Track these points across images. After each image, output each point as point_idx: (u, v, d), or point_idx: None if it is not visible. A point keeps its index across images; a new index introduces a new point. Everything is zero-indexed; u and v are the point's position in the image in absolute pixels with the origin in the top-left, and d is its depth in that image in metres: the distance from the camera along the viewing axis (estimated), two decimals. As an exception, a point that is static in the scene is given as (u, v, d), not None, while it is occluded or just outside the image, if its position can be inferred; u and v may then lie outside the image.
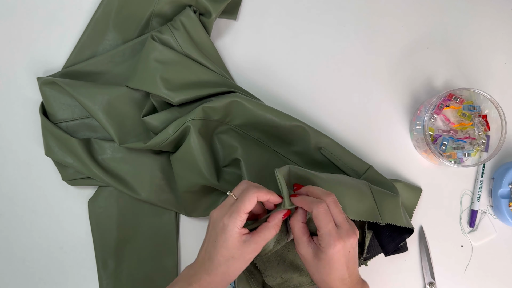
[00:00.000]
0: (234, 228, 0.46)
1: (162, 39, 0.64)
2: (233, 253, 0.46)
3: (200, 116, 0.61)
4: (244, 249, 0.46)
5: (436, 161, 0.65)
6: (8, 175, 0.68)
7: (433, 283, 0.67)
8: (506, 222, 0.67)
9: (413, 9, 0.72)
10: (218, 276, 0.46)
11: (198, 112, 0.60)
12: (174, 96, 0.62)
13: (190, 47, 0.64)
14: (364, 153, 0.69)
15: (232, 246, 0.46)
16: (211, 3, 0.66)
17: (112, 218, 0.66)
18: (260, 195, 0.47)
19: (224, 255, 0.46)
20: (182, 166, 0.63)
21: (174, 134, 0.60)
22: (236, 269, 0.47)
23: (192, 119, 0.60)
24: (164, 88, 0.61)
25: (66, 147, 0.64)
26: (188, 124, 0.60)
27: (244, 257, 0.47)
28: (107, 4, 0.69)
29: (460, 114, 0.67)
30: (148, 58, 0.63)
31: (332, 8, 0.72)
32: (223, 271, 0.46)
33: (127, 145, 0.63)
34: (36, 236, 0.67)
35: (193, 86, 0.63)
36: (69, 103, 0.66)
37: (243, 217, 0.46)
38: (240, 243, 0.46)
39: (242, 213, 0.46)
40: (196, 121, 0.60)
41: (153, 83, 0.62)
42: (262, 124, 0.64)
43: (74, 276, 0.67)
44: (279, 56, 0.71)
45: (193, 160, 0.61)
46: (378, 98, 0.70)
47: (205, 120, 0.62)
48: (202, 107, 0.61)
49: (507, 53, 0.72)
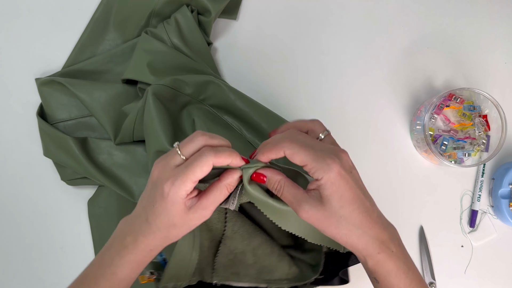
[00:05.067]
0: (176, 197, 0.37)
1: (155, 34, 0.65)
2: (175, 221, 0.38)
3: (169, 84, 0.60)
4: (189, 216, 0.38)
5: (436, 161, 0.65)
6: (8, 175, 0.68)
7: (433, 283, 0.67)
8: (507, 222, 0.67)
9: (413, 9, 0.72)
10: (157, 240, 0.39)
11: (168, 80, 0.60)
12: (160, 82, 0.62)
13: (180, 42, 0.65)
14: (364, 153, 0.69)
15: (173, 214, 0.37)
16: (211, 2, 0.66)
17: (112, 218, 0.66)
18: (218, 160, 0.36)
19: (164, 222, 0.38)
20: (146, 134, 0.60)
21: (142, 104, 0.59)
22: (178, 235, 0.40)
23: (156, 84, 0.60)
24: (150, 75, 0.62)
25: (63, 147, 0.64)
26: (148, 88, 0.59)
27: (188, 224, 0.39)
28: (107, 4, 0.69)
29: (460, 114, 0.67)
30: (139, 50, 0.64)
31: (332, 8, 0.72)
32: (163, 236, 0.39)
33: (118, 139, 0.64)
34: (36, 236, 0.67)
35: (178, 73, 0.63)
36: (66, 103, 0.66)
37: (189, 187, 0.37)
38: (183, 210, 0.38)
39: (189, 183, 0.36)
40: (159, 86, 0.60)
41: (141, 70, 0.63)
42: (238, 108, 0.63)
43: (74, 276, 0.67)
44: (278, 56, 0.71)
45: (152, 122, 0.57)
46: (378, 98, 0.70)
47: (173, 90, 0.61)
48: (174, 78, 0.60)
49: (507, 53, 0.72)
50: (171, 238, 0.40)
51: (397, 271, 0.36)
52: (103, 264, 0.41)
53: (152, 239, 0.39)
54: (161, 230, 0.39)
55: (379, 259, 0.36)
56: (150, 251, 0.40)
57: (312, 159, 0.36)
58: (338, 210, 0.35)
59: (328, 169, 0.35)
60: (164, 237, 0.40)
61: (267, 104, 0.69)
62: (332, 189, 0.35)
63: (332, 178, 0.35)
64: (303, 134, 0.39)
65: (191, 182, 0.36)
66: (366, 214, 0.36)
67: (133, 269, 0.40)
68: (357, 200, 0.36)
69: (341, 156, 0.36)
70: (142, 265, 0.41)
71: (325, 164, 0.35)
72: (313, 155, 0.36)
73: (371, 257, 0.37)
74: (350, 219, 0.35)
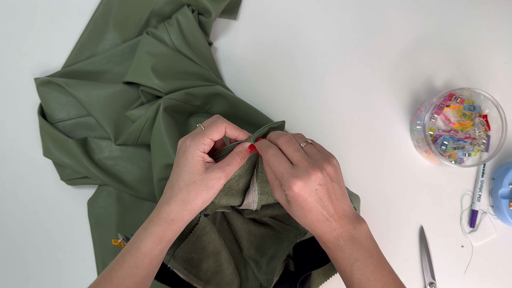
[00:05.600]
0: (196, 150, 0.43)
1: (156, 35, 0.65)
2: (195, 178, 0.43)
3: (180, 98, 0.61)
4: (207, 174, 0.43)
5: (437, 161, 0.65)
6: (8, 175, 0.68)
7: (434, 283, 0.67)
8: (507, 222, 0.67)
9: (413, 9, 0.72)
10: (177, 204, 0.44)
11: (180, 94, 0.61)
12: (163, 87, 0.62)
13: (182, 43, 0.65)
14: (364, 153, 0.69)
15: (193, 169, 0.43)
16: (211, 2, 0.66)
17: (112, 218, 0.66)
18: (230, 128, 0.45)
19: (185, 179, 0.43)
20: (153, 147, 0.62)
21: (151, 114, 0.60)
22: (197, 196, 0.44)
23: (167, 98, 0.60)
24: (155, 79, 0.62)
25: (63, 147, 0.64)
26: (160, 101, 0.60)
27: (206, 183, 0.43)
28: (107, 4, 0.69)
29: (460, 114, 0.67)
30: (142, 52, 0.64)
31: (333, 8, 0.72)
32: (183, 198, 0.43)
33: (120, 141, 0.64)
34: (36, 236, 0.67)
35: (181, 77, 0.64)
36: (64, 103, 0.66)
37: (207, 142, 0.44)
38: (202, 167, 0.44)
39: (207, 138, 0.44)
40: (171, 101, 0.61)
41: (145, 74, 0.62)
42: (239, 117, 0.65)
43: (74, 276, 0.67)
44: (278, 56, 0.71)
45: (160, 137, 0.60)
46: (378, 98, 0.70)
47: (183, 103, 0.62)
48: (186, 91, 0.61)
49: (507, 53, 0.72)
50: (189, 200, 0.43)
51: (341, 260, 0.42)
52: (131, 241, 0.45)
53: (173, 204, 0.44)
54: (182, 190, 0.43)
55: (325, 248, 0.43)
56: (171, 221, 0.44)
57: (280, 175, 0.42)
58: (295, 212, 0.43)
59: (288, 187, 0.41)
60: (184, 200, 0.43)
61: (267, 104, 0.69)
62: (291, 199, 0.42)
63: (291, 194, 0.41)
64: (288, 142, 0.44)
65: (208, 138, 0.44)
66: (318, 220, 0.42)
67: (154, 243, 0.44)
68: (313, 210, 0.41)
69: (307, 177, 0.41)
70: (163, 240, 0.44)
71: (287, 183, 0.41)
72: (281, 172, 0.42)
73: (320, 244, 0.44)
74: (304, 220, 0.42)
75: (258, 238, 0.63)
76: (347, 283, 0.43)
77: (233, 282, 0.59)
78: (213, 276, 0.57)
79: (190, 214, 0.44)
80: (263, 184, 0.51)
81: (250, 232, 0.63)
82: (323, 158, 0.43)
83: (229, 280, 0.58)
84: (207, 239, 0.57)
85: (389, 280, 0.42)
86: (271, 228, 0.64)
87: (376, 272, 0.41)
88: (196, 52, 0.67)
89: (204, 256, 0.57)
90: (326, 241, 0.42)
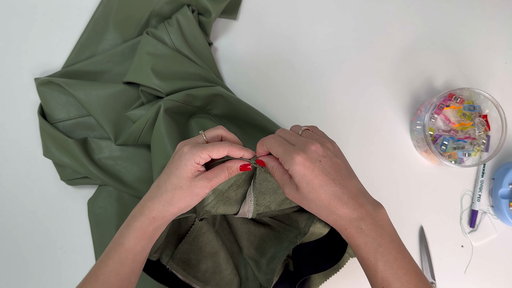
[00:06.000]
0: (190, 160, 0.44)
1: (157, 35, 0.65)
2: (182, 183, 0.44)
3: (181, 99, 0.61)
4: (194, 182, 0.45)
5: (437, 161, 0.65)
6: (8, 175, 0.68)
7: (433, 283, 0.67)
8: (507, 222, 0.67)
9: (413, 9, 0.72)
10: (161, 204, 0.45)
11: (180, 95, 0.61)
12: (164, 87, 0.62)
13: (182, 43, 0.65)
14: (364, 153, 0.69)
15: (183, 175, 0.44)
16: (211, 3, 0.66)
17: (112, 218, 0.66)
18: (233, 150, 0.45)
19: (173, 183, 0.44)
20: (154, 149, 0.62)
21: (151, 115, 0.60)
22: (180, 200, 0.45)
23: (168, 99, 0.61)
24: (155, 79, 0.62)
25: (63, 147, 0.64)
26: (160, 103, 0.60)
27: (192, 190, 0.45)
28: (107, 4, 0.69)
29: (460, 114, 0.67)
30: (142, 52, 0.64)
31: (333, 8, 0.72)
32: (167, 199, 0.44)
33: (121, 141, 0.64)
34: (36, 236, 0.67)
35: (181, 77, 0.64)
36: (64, 103, 0.66)
37: (204, 156, 0.44)
38: (192, 175, 0.45)
39: (205, 153, 0.44)
40: (172, 102, 0.61)
41: (145, 74, 0.63)
42: (239, 118, 0.65)
43: (74, 276, 0.67)
44: (278, 56, 0.71)
45: (160, 138, 0.60)
46: (378, 98, 0.70)
47: (184, 105, 0.62)
48: (186, 93, 0.62)
49: (507, 53, 0.72)
50: (173, 203, 0.44)
51: (365, 246, 0.40)
52: (115, 238, 0.45)
53: (157, 203, 0.45)
54: (168, 192, 0.44)
55: (347, 234, 0.41)
56: (153, 219, 0.45)
57: (281, 154, 0.42)
58: (307, 195, 0.41)
59: (292, 162, 0.40)
60: (168, 201, 0.44)
61: (266, 104, 0.69)
62: (298, 178, 0.40)
63: (296, 169, 0.40)
64: (286, 131, 0.45)
65: (206, 154, 0.44)
66: (334, 197, 0.40)
67: (137, 238, 0.44)
68: (324, 186, 0.40)
69: (308, 149, 0.41)
70: (145, 235, 0.45)
71: (290, 158, 0.40)
72: (282, 150, 0.42)
73: (341, 232, 0.41)
74: (318, 202, 0.40)
75: (258, 238, 0.63)
76: (370, 272, 0.40)
77: (233, 282, 0.59)
78: (212, 276, 0.57)
79: (172, 215, 0.45)
80: (260, 196, 0.52)
81: (250, 232, 0.63)
82: (321, 138, 0.44)
83: (228, 280, 0.58)
84: (204, 240, 0.57)
85: (411, 267, 0.40)
86: (271, 228, 0.64)
87: (399, 259, 0.39)
88: (196, 52, 0.67)
89: (202, 257, 0.57)
90: (347, 225, 0.40)
